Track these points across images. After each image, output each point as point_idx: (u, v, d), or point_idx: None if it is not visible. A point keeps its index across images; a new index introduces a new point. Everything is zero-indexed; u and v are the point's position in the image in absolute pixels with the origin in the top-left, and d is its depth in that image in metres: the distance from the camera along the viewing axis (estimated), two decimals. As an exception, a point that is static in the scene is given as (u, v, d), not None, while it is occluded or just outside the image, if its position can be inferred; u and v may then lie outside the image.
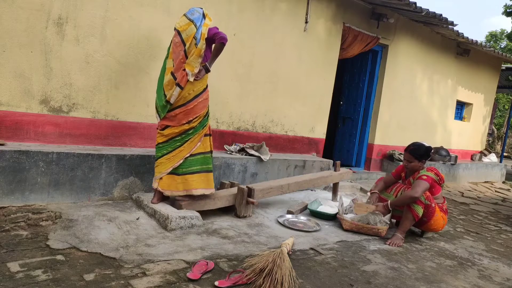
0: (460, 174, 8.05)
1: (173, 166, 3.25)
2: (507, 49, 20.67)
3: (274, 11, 4.93)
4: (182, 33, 3.16)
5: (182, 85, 3.14)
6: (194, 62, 3.15)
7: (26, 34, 3.28)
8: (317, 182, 4.53)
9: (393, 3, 5.49)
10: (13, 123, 3.31)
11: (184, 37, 3.16)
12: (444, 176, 3.78)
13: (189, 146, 3.27)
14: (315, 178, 4.51)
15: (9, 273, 2.13)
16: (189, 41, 3.14)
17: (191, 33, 3.13)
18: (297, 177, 4.57)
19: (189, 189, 3.30)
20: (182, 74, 3.14)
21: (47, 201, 3.19)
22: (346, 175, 5.04)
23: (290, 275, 2.35)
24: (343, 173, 4.96)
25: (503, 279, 3.04)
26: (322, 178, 4.59)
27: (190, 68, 3.14)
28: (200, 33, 3.15)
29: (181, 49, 3.15)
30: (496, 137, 16.30)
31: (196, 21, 3.16)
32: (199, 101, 3.24)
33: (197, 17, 3.19)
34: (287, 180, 4.31)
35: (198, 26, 3.16)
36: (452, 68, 7.90)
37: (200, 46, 3.15)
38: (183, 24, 3.18)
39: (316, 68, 5.57)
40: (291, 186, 4.15)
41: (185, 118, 3.21)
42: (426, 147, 3.77)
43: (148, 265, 2.43)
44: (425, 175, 3.60)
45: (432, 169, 3.70)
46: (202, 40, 3.16)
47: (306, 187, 4.46)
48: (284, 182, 4.14)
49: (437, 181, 3.67)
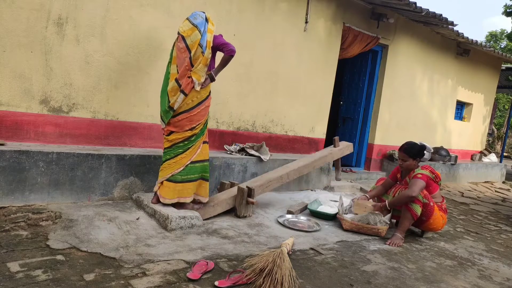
0: (460, 174, 8.05)
1: (172, 173, 3.24)
2: (507, 49, 20.67)
3: (274, 11, 4.93)
4: (187, 39, 3.12)
5: (186, 92, 3.13)
6: (200, 71, 3.14)
7: (26, 34, 3.28)
8: (318, 163, 4.36)
9: (393, 3, 5.49)
10: (13, 123, 3.31)
11: (189, 44, 3.12)
12: (440, 174, 3.79)
13: (190, 153, 3.27)
14: (314, 159, 4.34)
15: (9, 273, 2.13)
16: (194, 48, 3.11)
17: (196, 39, 3.11)
18: (295, 162, 4.41)
19: (183, 197, 3.31)
20: (187, 81, 3.12)
21: (47, 201, 3.19)
22: (347, 149, 4.79)
23: (290, 275, 2.35)
24: (343, 147, 4.72)
25: (503, 279, 3.04)
26: (322, 159, 4.41)
27: (197, 77, 3.13)
28: (205, 40, 3.13)
29: (186, 56, 3.12)
30: (496, 137, 16.30)
31: (200, 26, 3.13)
32: (202, 108, 3.24)
33: (200, 22, 3.15)
34: (285, 168, 4.16)
35: (203, 32, 3.13)
36: (452, 68, 7.90)
37: (207, 55, 3.14)
38: (187, 29, 3.14)
39: (316, 68, 5.57)
40: (290, 174, 4.02)
41: (188, 125, 3.21)
42: (419, 145, 3.82)
43: (148, 265, 2.43)
44: (420, 173, 3.63)
45: (426, 167, 3.72)
46: (208, 49, 3.15)
47: (306, 171, 4.34)
48: (283, 172, 4.02)
49: (433, 179, 3.68)
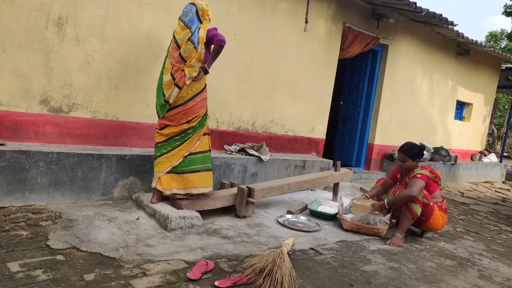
0: (460, 174, 8.05)
1: (172, 165, 3.27)
2: (507, 49, 20.65)
3: (274, 11, 4.93)
4: (177, 36, 3.20)
5: (180, 85, 3.16)
6: (194, 65, 3.17)
7: (26, 34, 3.28)
8: (318, 182, 4.52)
9: (393, 3, 5.49)
10: (13, 123, 3.31)
11: (179, 41, 3.19)
12: (439, 174, 3.80)
13: (188, 145, 3.29)
14: (315, 178, 4.50)
15: (9, 273, 2.13)
16: (183, 45, 3.16)
17: (186, 37, 3.16)
18: (297, 177, 4.56)
19: (189, 188, 3.32)
20: (181, 74, 3.16)
21: (47, 201, 3.19)
22: (347, 175, 5.03)
23: (290, 275, 2.35)
24: (344, 173, 4.95)
25: (503, 279, 3.04)
26: (322, 178, 4.59)
27: (189, 71, 3.15)
28: (196, 36, 3.16)
29: (176, 52, 3.19)
30: (496, 137, 16.29)
31: (191, 24, 3.17)
32: (198, 100, 3.26)
33: (190, 18, 3.19)
34: (287, 180, 4.30)
35: (194, 30, 3.16)
36: (452, 68, 7.90)
37: (200, 50, 3.16)
38: (179, 30, 3.20)
39: (316, 68, 5.57)
40: (291, 186, 4.15)
41: (184, 118, 3.23)
42: (419, 146, 3.83)
43: (148, 265, 2.43)
44: (419, 174, 3.64)
45: (426, 167, 3.73)
46: (201, 44, 3.16)
47: (306, 187, 4.46)
48: (284, 182, 4.14)
49: (432, 179, 3.68)
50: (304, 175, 4.72)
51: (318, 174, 4.73)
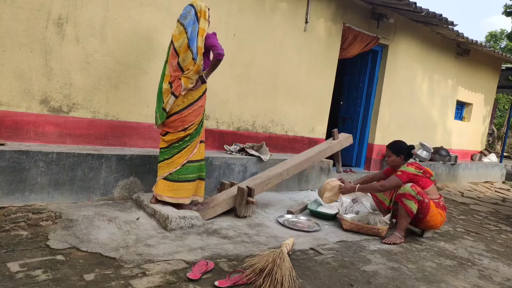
0: (460, 174, 8.05)
1: (169, 171, 3.27)
2: (507, 49, 20.65)
3: (274, 11, 4.93)
4: (176, 43, 3.13)
5: (176, 94, 3.15)
6: (192, 78, 3.13)
7: (26, 34, 3.28)
8: (317, 157, 4.31)
9: (393, 3, 5.49)
10: (13, 123, 3.31)
11: (177, 48, 3.13)
12: (429, 169, 3.79)
13: (186, 153, 3.28)
14: (314, 154, 4.28)
15: (9, 273, 2.13)
16: (182, 53, 3.11)
17: (184, 44, 3.09)
18: (293, 159, 4.36)
19: (182, 197, 3.32)
20: (178, 83, 3.13)
21: (47, 201, 3.19)
22: (346, 141, 4.64)
23: (290, 275, 2.35)
24: (343, 139, 4.59)
25: (503, 279, 3.04)
26: (321, 152, 4.36)
27: (185, 81, 3.11)
28: (195, 46, 3.10)
29: (175, 60, 3.15)
30: (496, 137, 16.31)
31: (188, 27, 3.09)
32: (194, 108, 3.23)
33: (189, 21, 3.11)
34: (285, 164, 4.14)
35: (190, 34, 3.08)
36: (452, 68, 7.89)
37: (199, 62, 3.11)
38: (177, 34, 3.14)
39: (316, 68, 5.57)
40: (290, 170, 4.01)
41: (181, 126, 3.22)
42: (406, 144, 3.91)
43: (148, 265, 2.43)
44: (400, 171, 3.71)
45: (412, 164, 3.78)
46: (200, 56, 3.12)
47: (306, 167, 4.34)
48: (282, 169, 4.01)
49: (421, 175, 3.69)
50: (300, 155, 4.44)
51: (315, 149, 4.42)
